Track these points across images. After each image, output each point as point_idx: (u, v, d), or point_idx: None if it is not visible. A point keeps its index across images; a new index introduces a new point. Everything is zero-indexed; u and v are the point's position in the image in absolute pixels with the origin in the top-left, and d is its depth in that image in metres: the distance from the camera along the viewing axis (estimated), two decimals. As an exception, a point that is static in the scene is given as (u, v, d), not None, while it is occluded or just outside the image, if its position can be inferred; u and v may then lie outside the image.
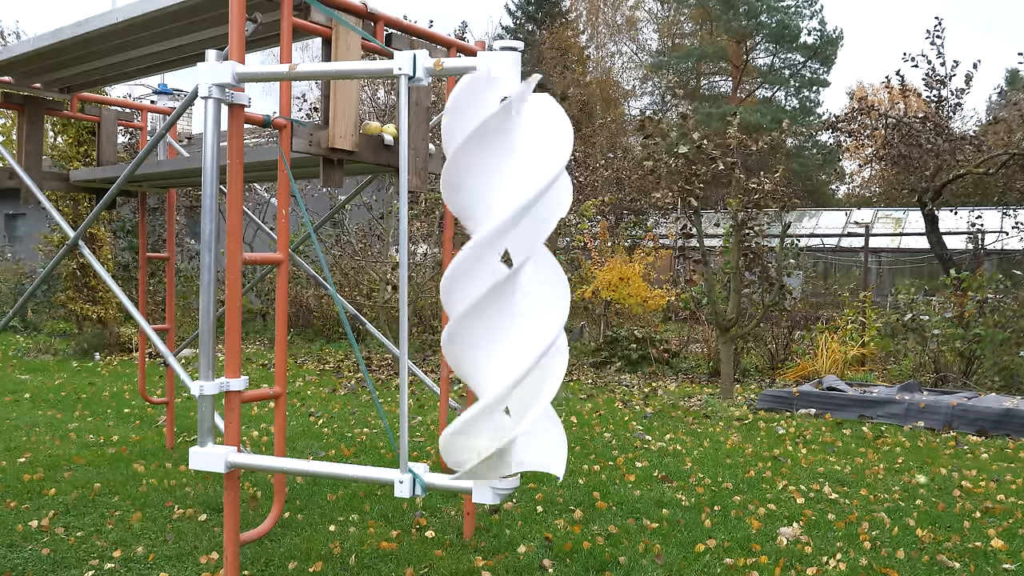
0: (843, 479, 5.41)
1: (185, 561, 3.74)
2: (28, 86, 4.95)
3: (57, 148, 11.65)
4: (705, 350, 11.27)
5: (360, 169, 3.94)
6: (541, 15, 35.13)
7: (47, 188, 5.18)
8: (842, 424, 7.31)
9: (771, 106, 33.99)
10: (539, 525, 4.33)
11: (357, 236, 12.57)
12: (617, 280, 10.77)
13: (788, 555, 3.98)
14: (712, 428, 7.03)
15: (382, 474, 2.68)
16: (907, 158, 12.34)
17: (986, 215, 14.41)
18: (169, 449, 5.84)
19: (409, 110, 2.64)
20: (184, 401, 7.12)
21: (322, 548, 3.92)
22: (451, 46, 3.74)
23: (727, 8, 34.03)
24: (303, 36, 3.33)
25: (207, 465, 2.85)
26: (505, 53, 2.43)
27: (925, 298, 11.70)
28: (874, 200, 28.76)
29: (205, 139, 2.86)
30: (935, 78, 12.26)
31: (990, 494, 5.12)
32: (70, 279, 11.77)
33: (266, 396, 3.17)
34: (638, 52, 38.04)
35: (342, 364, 10.71)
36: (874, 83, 32.66)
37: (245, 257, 2.94)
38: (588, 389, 9.03)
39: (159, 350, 3.84)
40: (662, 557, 3.90)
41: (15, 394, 7.98)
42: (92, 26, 3.75)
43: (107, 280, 3.99)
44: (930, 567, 3.88)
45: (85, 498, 4.62)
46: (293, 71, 2.71)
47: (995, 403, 7.31)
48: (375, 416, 7.24)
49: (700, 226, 8.76)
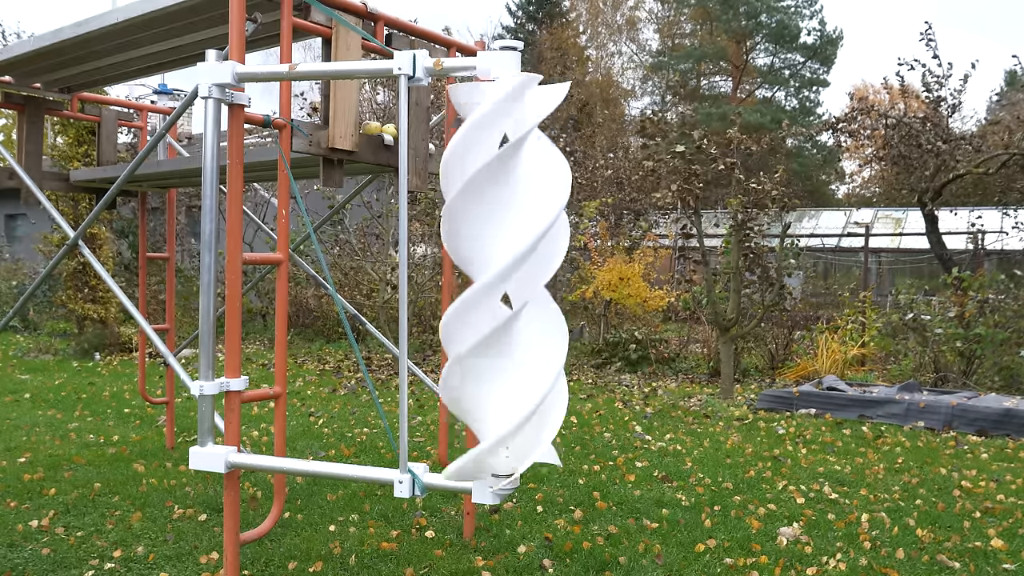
0: (843, 479, 5.41)
1: (185, 561, 3.74)
2: (28, 86, 4.95)
3: (57, 148, 11.64)
4: (705, 350, 11.27)
5: (360, 169, 3.94)
6: (541, 15, 35.15)
7: (47, 188, 5.17)
8: (842, 424, 7.31)
9: (771, 106, 34.01)
10: (539, 525, 4.33)
11: (357, 236, 12.57)
12: (617, 280, 10.76)
13: (788, 555, 3.98)
14: (712, 428, 7.03)
15: (382, 474, 2.68)
16: (907, 158, 12.34)
17: (986, 215, 14.41)
18: (169, 449, 5.84)
19: (409, 110, 2.64)
20: (184, 401, 7.12)
21: (322, 548, 3.92)
22: (451, 46, 3.74)
23: (727, 8, 34.03)
24: (303, 36, 3.33)
25: (207, 465, 2.85)
26: (505, 53, 2.43)
27: (925, 298, 11.70)
28: (874, 200, 28.75)
29: (205, 139, 2.86)
30: (933, 78, 12.27)
31: (990, 494, 5.12)
32: (70, 279, 11.77)
33: (266, 396, 3.17)
34: (638, 52, 38.08)
35: (342, 364, 10.71)
36: (874, 83, 32.66)
37: (245, 257, 2.94)
38: (588, 389, 9.03)
39: (159, 350, 3.85)
40: (662, 557, 3.90)
41: (15, 394, 7.98)
42: (92, 26, 3.75)
43: (107, 280, 3.99)
44: (930, 567, 3.88)
45: (85, 498, 4.62)
46: (293, 71, 2.71)
47: (995, 403, 7.31)
48: (375, 416, 7.24)
49: (700, 226, 8.76)
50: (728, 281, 9.02)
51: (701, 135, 8.65)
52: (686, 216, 8.96)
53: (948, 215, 14.43)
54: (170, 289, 5.93)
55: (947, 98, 12.36)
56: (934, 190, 12.17)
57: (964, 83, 12.47)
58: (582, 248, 12.08)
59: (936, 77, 12.28)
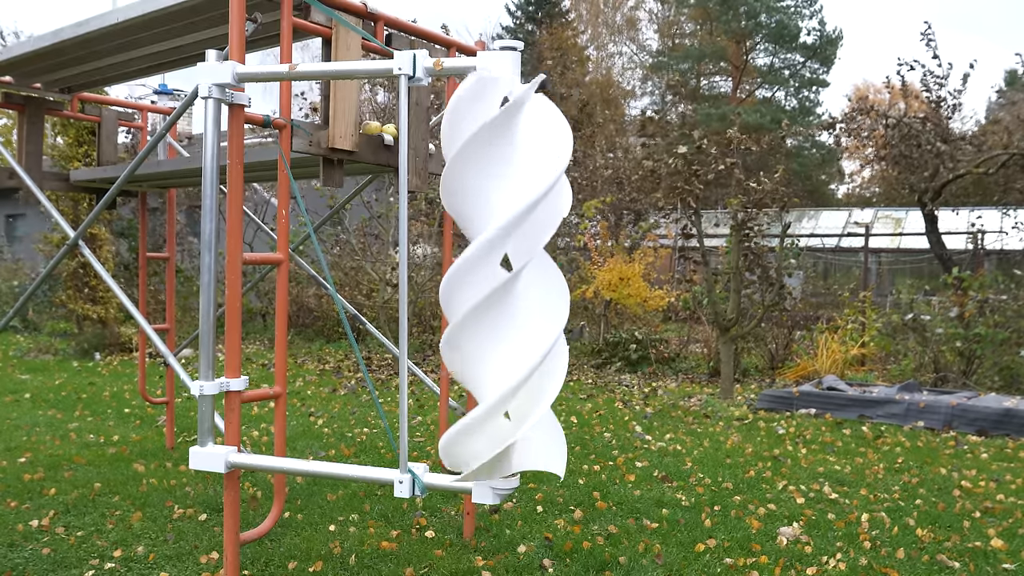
0: (843, 479, 5.41)
1: (185, 561, 3.74)
2: (28, 86, 4.95)
3: (57, 148, 11.65)
4: (705, 350, 11.27)
5: (360, 169, 3.94)
6: (541, 15, 35.14)
7: (47, 188, 5.17)
8: (842, 424, 7.31)
9: (771, 106, 33.99)
10: (539, 525, 4.33)
11: (357, 236, 12.57)
12: (617, 280, 10.76)
13: (788, 555, 3.98)
14: (712, 428, 7.03)
15: (382, 474, 2.68)
16: (907, 158, 12.33)
17: (986, 215, 14.41)
18: (169, 449, 5.84)
19: (409, 110, 2.64)
20: (184, 401, 7.12)
21: (322, 548, 3.92)
22: (451, 46, 3.74)
23: (727, 8, 34.02)
24: (303, 36, 3.33)
25: (207, 465, 2.85)
26: (505, 53, 2.43)
27: (925, 298, 11.70)
28: (874, 200, 28.75)
29: (205, 139, 2.86)
30: (933, 78, 12.27)
31: (990, 494, 5.12)
32: (70, 279, 11.77)
33: (266, 396, 3.17)
34: (638, 52, 38.08)
35: (342, 364, 10.71)
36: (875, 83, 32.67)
37: (245, 257, 2.94)
38: (588, 389, 9.03)
39: (159, 350, 3.85)
40: (662, 557, 3.90)
41: (15, 394, 7.98)
42: (92, 26, 3.75)
43: (107, 280, 3.99)
44: (930, 567, 3.88)
45: (85, 498, 4.62)
46: (293, 71, 2.71)
47: (995, 403, 7.31)
48: (375, 416, 7.24)
49: (700, 226, 8.76)
50: (728, 281, 9.02)
51: (701, 135, 8.65)
52: (686, 216, 8.96)
53: (948, 215, 14.42)
54: (170, 289, 5.94)
55: (947, 98, 12.37)
56: (934, 190, 12.16)
57: (964, 83, 12.48)
58: (582, 248, 12.08)
59: (936, 77, 12.28)
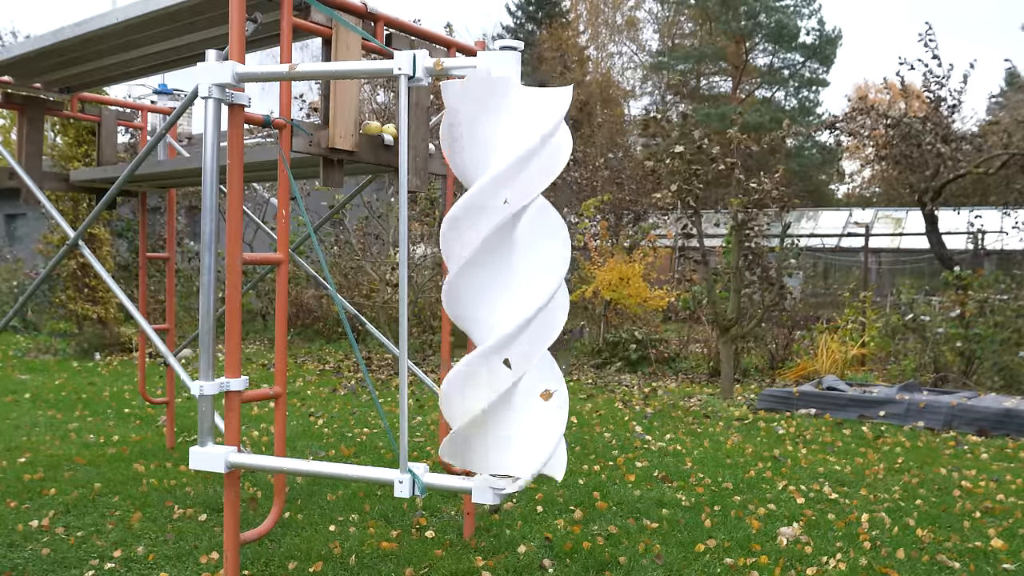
0: (843, 479, 5.41)
1: (185, 561, 3.74)
2: (28, 86, 4.95)
3: (57, 148, 11.65)
4: (705, 350, 11.26)
5: (360, 169, 3.94)
6: (541, 15, 35.16)
7: (47, 188, 5.17)
8: (842, 424, 7.31)
9: (771, 106, 33.98)
10: (539, 525, 4.33)
11: (357, 236, 12.57)
12: (617, 280, 10.76)
13: (788, 555, 3.98)
14: (712, 428, 7.03)
15: (382, 474, 2.68)
16: (908, 158, 12.33)
17: (986, 215, 14.40)
18: (169, 449, 5.84)
19: (409, 110, 2.64)
20: (184, 401, 7.12)
21: (322, 548, 3.92)
22: (451, 46, 3.74)
23: (726, 8, 34.01)
24: (303, 36, 3.33)
25: (207, 465, 2.85)
26: (505, 53, 2.43)
27: (925, 298, 11.70)
28: (874, 200, 28.74)
29: (205, 139, 2.86)
30: (933, 79, 12.27)
31: (990, 494, 5.12)
32: (70, 279, 11.77)
33: (266, 396, 3.17)
34: (638, 52, 38.07)
35: (342, 364, 10.71)
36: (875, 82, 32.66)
37: (245, 257, 2.94)
38: (588, 389, 9.03)
39: (159, 350, 3.84)
40: (662, 557, 3.90)
41: (15, 394, 7.98)
42: (92, 26, 3.75)
43: (107, 280, 3.99)
44: (930, 567, 3.88)
45: (85, 498, 4.62)
46: (293, 71, 2.71)
47: (995, 403, 7.31)
48: (375, 416, 7.24)
49: (700, 226, 8.76)
50: (728, 281, 9.02)
51: (701, 135, 8.65)
52: (686, 216, 8.97)
53: (948, 215, 14.41)
54: (170, 289, 5.94)
55: (947, 98, 12.36)
56: (934, 190, 12.16)
57: (964, 83, 12.47)
58: (582, 248, 12.08)
59: (936, 77, 12.28)
